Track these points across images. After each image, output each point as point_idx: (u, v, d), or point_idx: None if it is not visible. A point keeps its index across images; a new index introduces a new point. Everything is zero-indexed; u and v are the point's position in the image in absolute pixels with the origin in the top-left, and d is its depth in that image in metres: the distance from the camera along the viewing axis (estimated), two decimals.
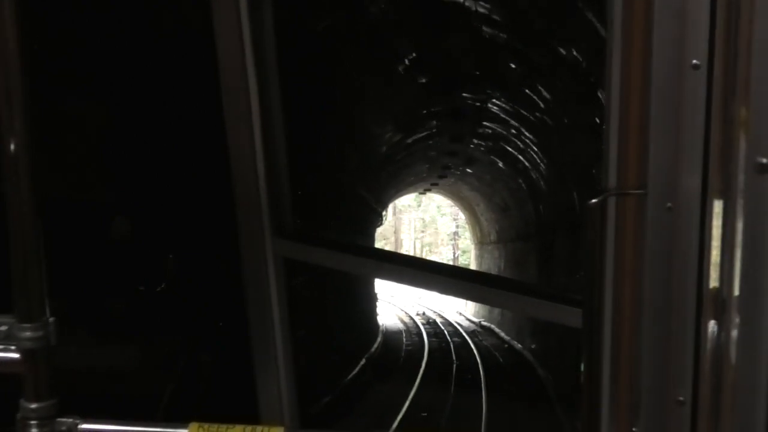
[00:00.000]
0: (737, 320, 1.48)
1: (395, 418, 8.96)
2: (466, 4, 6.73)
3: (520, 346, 14.77)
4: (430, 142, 14.02)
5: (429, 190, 25.40)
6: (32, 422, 1.61)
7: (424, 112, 11.15)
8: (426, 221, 50.43)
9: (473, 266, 27.36)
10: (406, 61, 8.07)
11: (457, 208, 32.88)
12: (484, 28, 7.10)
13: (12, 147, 1.52)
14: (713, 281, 1.54)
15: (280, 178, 2.81)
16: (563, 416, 9.21)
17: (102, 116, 5.30)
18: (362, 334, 13.01)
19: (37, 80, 1.58)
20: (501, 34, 7.18)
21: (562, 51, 6.94)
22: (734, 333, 1.49)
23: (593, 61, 6.46)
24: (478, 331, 19.31)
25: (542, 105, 8.99)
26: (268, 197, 2.73)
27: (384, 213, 18.01)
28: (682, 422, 1.62)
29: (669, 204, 1.57)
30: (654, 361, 1.64)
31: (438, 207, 43.35)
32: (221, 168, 2.78)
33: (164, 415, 4.62)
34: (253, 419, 2.42)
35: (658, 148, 1.56)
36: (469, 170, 18.44)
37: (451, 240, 46.18)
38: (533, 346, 12.74)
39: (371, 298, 15.34)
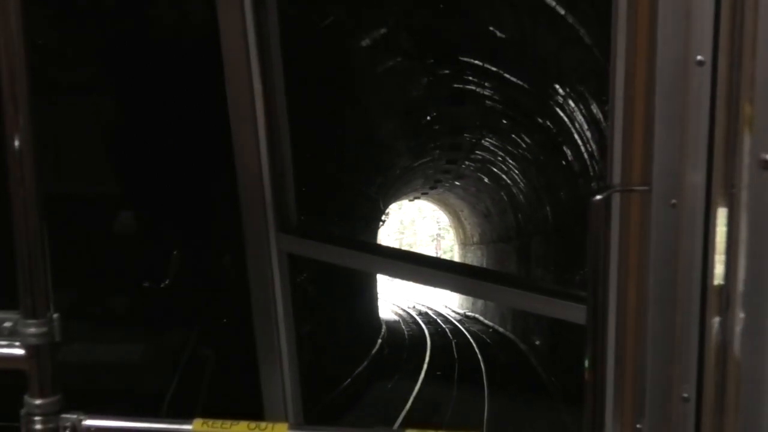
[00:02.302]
0: (742, 316, 1.48)
1: (418, 377, 11.48)
2: (477, 90, 10.10)
3: (502, 329, 17.53)
4: (431, 164, 17.32)
5: (419, 197, 27.46)
6: (36, 418, 1.61)
7: (432, 145, 14.75)
8: (405, 223, 50.63)
9: None
10: (428, 117, 11.81)
11: (438, 212, 34.29)
12: (487, 102, 10.63)
13: (16, 143, 1.52)
14: (717, 277, 1.53)
15: (284, 175, 2.82)
16: (545, 375, 11.84)
17: (107, 112, 5.31)
18: (373, 322, 15.65)
19: (41, 76, 1.58)
20: (498, 105, 10.69)
21: (540, 120, 10.23)
22: (739, 329, 1.49)
23: (561, 129, 9.44)
24: (466, 320, 21.55)
25: (524, 145, 12.36)
26: (272, 193, 2.73)
27: (386, 215, 19.53)
28: (687, 419, 1.62)
29: (673, 200, 1.56)
30: (658, 358, 1.63)
31: (419, 209, 43.58)
32: (226, 164, 2.79)
33: (168, 412, 4.62)
34: (258, 416, 2.42)
35: (663, 144, 1.56)
36: (457, 183, 20.80)
37: (433, 240, 46.82)
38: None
39: (375, 292, 17.09)
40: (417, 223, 49.70)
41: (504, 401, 10.32)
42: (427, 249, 47.15)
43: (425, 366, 12.73)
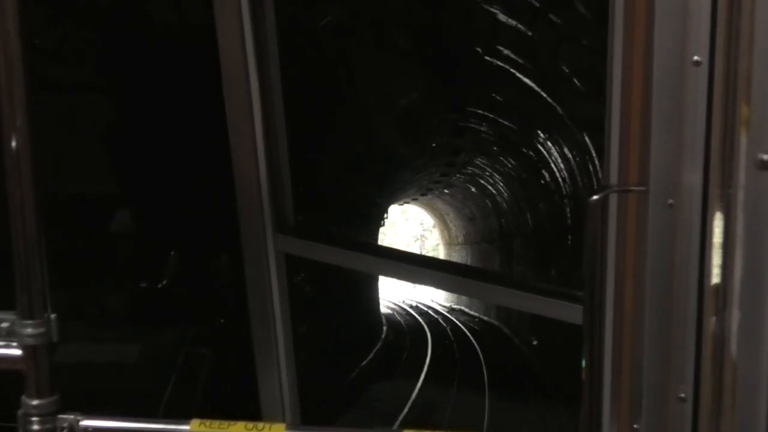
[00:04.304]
0: (738, 316, 1.48)
1: (426, 353, 13.61)
2: (475, 127, 12.86)
3: (487, 318, 19.74)
4: (426, 176, 19.61)
5: (408, 202, 29.80)
6: (34, 419, 1.61)
7: (431, 163, 17.27)
8: (386, 224, 50.75)
9: None
10: (434, 145, 14.69)
11: (423, 213, 35.77)
12: (482, 135, 13.13)
13: (14, 143, 1.52)
14: (714, 277, 1.53)
15: (281, 175, 2.81)
16: (527, 351, 13.91)
17: (104, 112, 5.30)
18: (378, 314, 18.07)
19: (40, 76, 1.58)
20: (491, 137, 13.20)
21: (524, 150, 12.77)
22: (735, 329, 1.49)
23: (540, 158, 11.97)
24: (453, 312, 23.53)
25: (509, 165, 14.93)
26: (269, 193, 2.73)
27: (386, 217, 21.52)
28: (684, 419, 1.62)
29: (670, 201, 1.56)
30: (655, 358, 1.63)
31: (403, 211, 43.97)
32: (223, 164, 2.79)
33: (165, 412, 4.62)
34: (255, 416, 2.42)
35: (660, 145, 1.56)
36: (446, 191, 23.05)
37: (416, 240, 47.52)
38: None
39: (377, 288, 19.03)
40: (400, 224, 50.02)
41: (499, 373, 12.21)
42: (411, 248, 47.72)
43: (429, 345, 14.85)
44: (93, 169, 5.31)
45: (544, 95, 9.33)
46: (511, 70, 9.08)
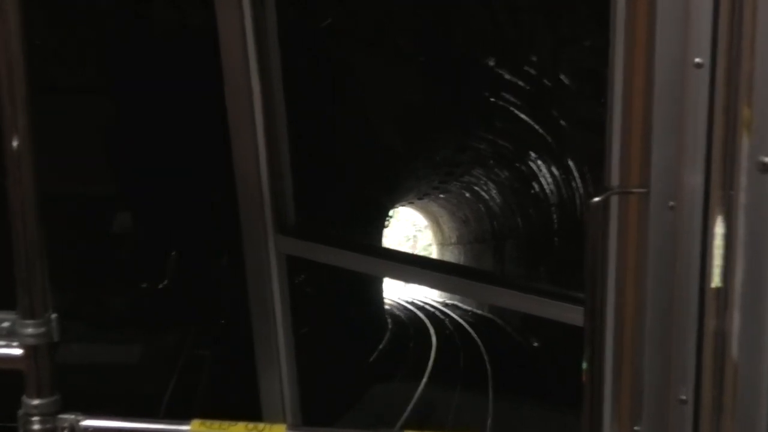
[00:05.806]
0: (739, 318, 1.48)
1: (431, 342, 14.59)
2: (476, 144, 14.71)
3: (481, 311, 20.70)
4: (426, 183, 20.83)
5: (404, 206, 30.80)
6: (34, 419, 1.61)
7: (433, 173, 18.82)
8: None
9: None
10: (437, 158, 16.52)
11: (416, 214, 36.74)
12: (481, 151, 15.13)
13: (14, 143, 1.52)
14: (715, 279, 1.53)
15: (282, 175, 2.82)
16: (521, 340, 14.88)
17: (106, 113, 5.31)
18: (384, 309, 18.95)
19: (40, 75, 1.58)
20: (489, 153, 15.15)
21: (517, 165, 14.69)
22: (736, 331, 1.49)
23: (531, 172, 14.02)
24: (447, 307, 24.15)
25: (502, 176, 16.69)
26: (270, 194, 2.73)
27: (390, 217, 22.41)
28: (685, 421, 1.62)
29: (671, 203, 1.56)
30: (656, 360, 1.63)
31: (396, 212, 44.36)
32: (224, 164, 2.79)
33: (166, 412, 4.62)
34: (256, 416, 2.42)
35: (661, 146, 1.56)
36: (441, 196, 24.13)
37: (408, 240, 48.11)
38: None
39: (382, 285, 19.83)
40: (393, 225, 50.35)
41: (497, 357, 13.03)
42: (403, 247, 48.26)
43: (433, 334, 15.77)
44: (95, 170, 5.32)
45: (537, 127, 11.69)
46: (511, 108, 11.46)
